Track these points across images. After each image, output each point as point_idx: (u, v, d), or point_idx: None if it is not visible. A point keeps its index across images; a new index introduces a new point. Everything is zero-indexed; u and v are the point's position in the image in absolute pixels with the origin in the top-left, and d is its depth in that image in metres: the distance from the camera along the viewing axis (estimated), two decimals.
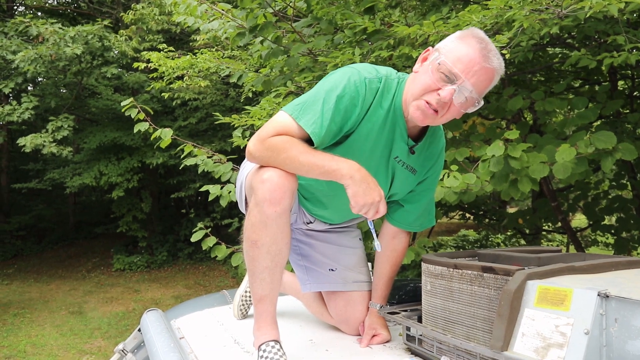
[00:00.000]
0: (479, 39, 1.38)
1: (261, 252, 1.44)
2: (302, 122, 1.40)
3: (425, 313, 1.52)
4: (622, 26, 2.47)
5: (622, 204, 4.16)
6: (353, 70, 1.47)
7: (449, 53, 1.38)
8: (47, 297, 9.11)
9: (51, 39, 8.16)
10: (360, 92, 1.44)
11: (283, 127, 1.41)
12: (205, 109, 9.66)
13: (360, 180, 1.35)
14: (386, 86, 1.49)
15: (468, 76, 1.36)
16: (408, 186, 1.64)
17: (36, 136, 8.53)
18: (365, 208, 1.36)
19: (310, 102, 1.43)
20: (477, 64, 1.35)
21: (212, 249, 3.10)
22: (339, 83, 1.44)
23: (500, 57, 1.39)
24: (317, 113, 1.41)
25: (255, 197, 1.43)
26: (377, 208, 1.37)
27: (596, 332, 1.06)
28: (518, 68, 3.57)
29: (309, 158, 1.37)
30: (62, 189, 10.92)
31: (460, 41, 1.39)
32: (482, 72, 1.36)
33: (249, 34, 3.09)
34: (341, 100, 1.42)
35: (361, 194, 1.35)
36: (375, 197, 1.36)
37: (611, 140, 2.29)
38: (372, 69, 1.50)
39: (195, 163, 3.21)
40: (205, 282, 9.81)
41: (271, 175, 1.40)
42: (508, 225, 5.39)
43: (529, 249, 1.56)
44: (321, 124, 1.40)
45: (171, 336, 1.69)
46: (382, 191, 1.38)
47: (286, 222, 1.45)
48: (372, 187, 1.36)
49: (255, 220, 1.42)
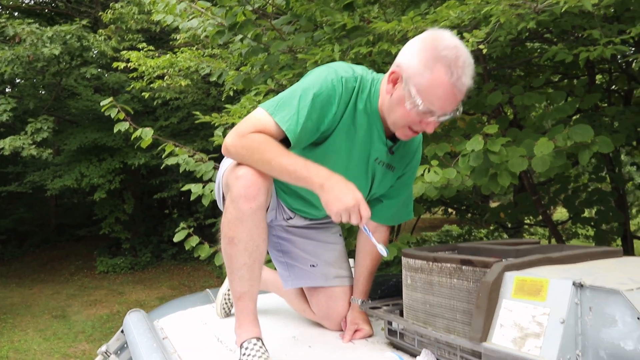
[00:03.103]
0: (447, 64, 1.33)
1: (238, 249, 1.43)
2: (277, 118, 1.40)
3: (406, 307, 1.53)
4: (597, 21, 2.51)
5: (601, 197, 4.22)
6: (330, 69, 1.48)
7: (424, 91, 1.36)
8: (29, 301, 8.98)
9: (28, 40, 8.03)
10: (337, 90, 1.45)
11: (260, 123, 1.41)
12: (186, 109, 9.58)
13: (330, 187, 1.33)
14: (362, 86, 1.50)
15: (446, 109, 1.38)
16: (388, 183, 1.66)
17: (15, 138, 8.38)
18: (344, 215, 1.33)
19: (286, 99, 1.43)
20: (452, 96, 1.37)
21: (195, 249, 3.08)
22: (316, 81, 1.44)
23: (467, 65, 1.36)
24: (292, 109, 1.40)
25: (230, 194, 1.43)
26: (357, 213, 1.33)
27: (571, 321, 1.07)
28: (497, 63, 3.61)
29: (282, 163, 1.36)
30: (42, 191, 10.75)
31: (430, 74, 1.34)
32: (458, 98, 1.38)
33: (229, 32, 3.07)
34: (318, 97, 1.43)
35: (333, 201, 1.32)
36: (348, 202, 1.31)
37: (589, 133, 2.32)
38: (348, 68, 1.50)
39: (176, 162, 3.19)
40: (190, 283, 9.75)
41: (245, 172, 1.40)
42: (490, 219, 5.45)
43: (508, 242, 1.58)
44: (297, 120, 1.40)
45: (154, 336, 1.68)
46: (358, 194, 1.34)
47: (262, 218, 1.45)
48: (345, 193, 1.32)
49: (231, 217, 1.42)
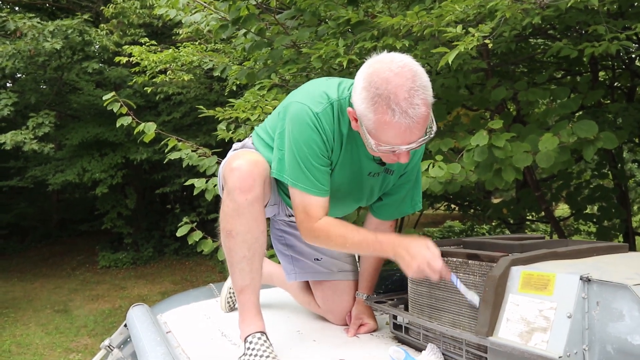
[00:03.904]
0: (386, 103, 1.25)
1: (237, 241, 1.44)
2: (307, 190, 1.44)
3: (411, 301, 1.53)
4: (602, 16, 2.50)
5: (603, 193, 4.22)
6: (303, 110, 1.43)
7: (375, 134, 1.32)
8: (31, 296, 8.99)
9: (30, 34, 8.00)
10: (320, 132, 1.42)
11: (304, 206, 1.45)
12: (189, 103, 9.56)
13: (400, 255, 1.37)
14: (340, 109, 1.45)
15: (407, 141, 1.31)
16: (389, 185, 1.65)
17: (16, 133, 8.37)
18: (421, 274, 1.35)
19: (295, 168, 1.44)
20: (407, 130, 1.28)
21: (198, 244, 3.08)
22: (301, 140, 1.42)
23: (413, 92, 1.25)
24: (308, 179, 1.43)
25: (226, 187, 1.43)
26: (433, 269, 1.32)
27: (579, 316, 1.07)
28: (501, 59, 3.60)
29: (354, 242, 1.43)
30: (44, 186, 10.74)
31: (374, 115, 1.28)
32: (415, 128, 1.28)
33: (232, 27, 3.06)
34: (315, 156, 1.43)
35: (405, 268, 1.36)
36: (414, 266, 1.33)
37: (593, 129, 2.32)
38: (321, 97, 1.45)
39: (179, 157, 3.19)
40: (192, 278, 9.75)
41: (240, 164, 1.41)
42: (492, 215, 5.45)
43: (513, 237, 1.58)
44: (316, 185, 1.44)
45: (157, 330, 1.68)
46: (424, 253, 1.33)
47: (260, 210, 1.45)
48: (413, 256, 1.34)
49: (228, 209, 1.42)
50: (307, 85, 1.56)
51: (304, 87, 1.54)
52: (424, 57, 2.58)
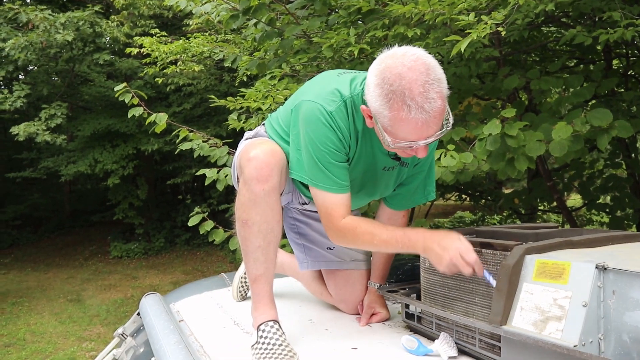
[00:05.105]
0: (401, 99, 1.24)
1: (252, 231, 1.44)
2: (323, 187, 1.44)
3: (424, 290, 1.53)
4: (617, 2, 2.46)
5: (616, 183, 4.17)
6: (316, 109, 1.41)
7: (391, 131, 1.31)
8: (44, 285, 9.11)
9: (41, 26, 8.04)
10: (335, 129, 1.42)
11: (327, 206, 1.45)
12: (199, 94, 9.58)
13: (430, 249, 1.34)
14: (354, 106, 1.44)
15: (424, 136, 1.29)
16: (403, 177, 1.64)
17: (29, 124, 8.45)
18: (452, 269, 1.31)
19: (313, 168, 1.44)
20: (423, 125, 1.26)
21: (209, 233, 3.10)
22: (316, 139, 1.41)
23: (428, 86, 1.24)
24: (328, 177, 1.43)
25: (243, 176, 1.43)
26: (464, 264, 1.28)
27: (594, 305, 1.07)
28: (513, 48, 3.56)
29: (382, 239, 1.41)
30: (57, 177, 10.85)
31: (389, 112, 1.27)
32: (431, 122, 1.27)
33: (242, 16, 3.05)
34: (332, 153, 1.43)
35: (436, 263, 1.33)
36: (446, 260, 1.29)
37: (607, 117, 2.29)
38: (333, 94, 1.43)
39: (190, 148, 3.20)
40: (203, 268, 9.83)
41: (257, 153, 1.40)
42: (504, 205, 5.42)
43: (527, 226, 1.57)
44: (336, 182, 1.44)
45: (170, 319, 1.69)
46: (456, 245, 1.30)
47: (276, 200, 1.44)
48: (445, 248, 1.30)
49: (245, 199, 1.42)
50: (318, 80, 1.54)
51: (315, 83, 1.53)
52: (434, 47, 2.55)
